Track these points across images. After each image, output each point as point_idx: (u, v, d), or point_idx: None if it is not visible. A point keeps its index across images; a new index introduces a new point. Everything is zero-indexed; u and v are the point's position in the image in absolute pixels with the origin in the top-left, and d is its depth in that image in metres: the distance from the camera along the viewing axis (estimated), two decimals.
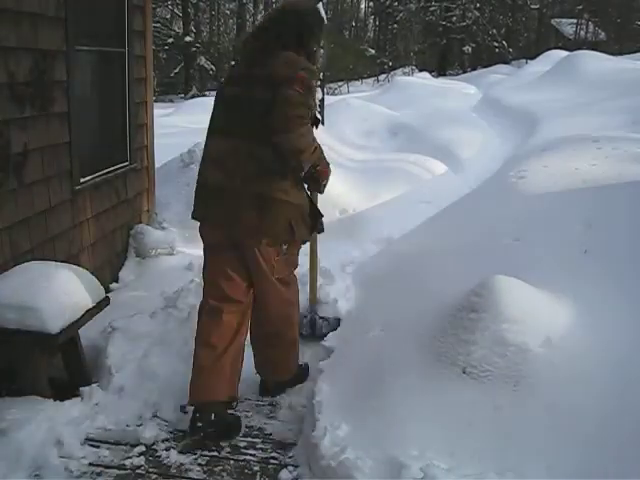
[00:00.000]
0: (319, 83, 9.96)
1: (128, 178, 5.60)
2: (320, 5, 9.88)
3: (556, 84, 13.31)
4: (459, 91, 17.54)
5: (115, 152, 5.45)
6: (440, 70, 35.42)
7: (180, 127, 14.09)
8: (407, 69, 30.29)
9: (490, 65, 32.65)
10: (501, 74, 25.98)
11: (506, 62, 34.75)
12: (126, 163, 5.55)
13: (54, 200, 4.31)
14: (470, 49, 36.88)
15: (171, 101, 27.98)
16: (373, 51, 34.00)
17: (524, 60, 33.79)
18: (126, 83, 5.49)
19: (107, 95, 5.35)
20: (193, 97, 27.81)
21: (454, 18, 36.40)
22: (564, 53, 21.02)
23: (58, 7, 4.22)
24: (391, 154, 9.01)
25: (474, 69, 34.85)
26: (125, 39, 5.40)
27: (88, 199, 4.84)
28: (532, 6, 36.52)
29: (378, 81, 30.93)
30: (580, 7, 36.40)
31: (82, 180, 4.69)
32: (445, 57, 37.69)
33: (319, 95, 9.70)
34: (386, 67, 32.89)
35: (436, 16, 36.68)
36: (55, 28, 4.22)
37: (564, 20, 37.21)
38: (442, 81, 20.52)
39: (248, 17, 37.84)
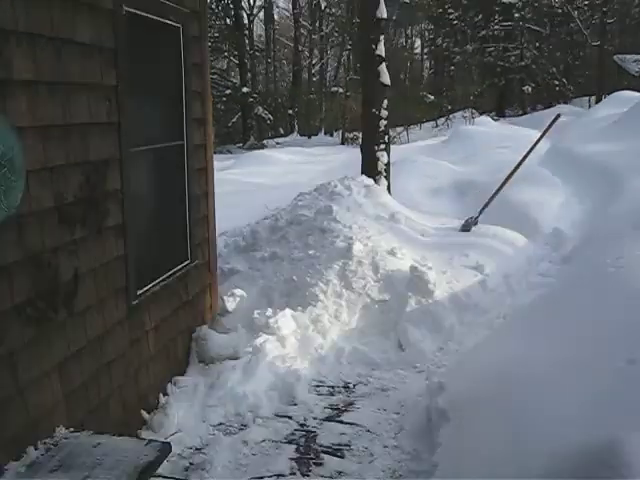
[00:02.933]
0: (384, 147, 9.58)
1: (189, 277, 5.20)
2: None
3: (637, 132, 12.39)
4: (525, 140, 16.86)
5: (175, 252, 5.05)
6: (499, 111, 34.72)
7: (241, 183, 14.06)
8: (466, 112, 29.66)
9: (551, 105, 31.89)
10: (565, 115, 25.16)
11: (566, 101, 33.97)
12: (187, 262, 5.16)
13: (108, 323, 3.90)
14: (530, 89, 36.13)
15: (229, 152, 27.95)
16: (432, 97, 33.51)
17: (586, 98, 33.03)
18: (185, 176, 5.12)
19: (165, 192, 4.96)
20: (251, 148, 27.81)
21: (512, 58, 35.80)
22: (635, 94, 20.19)
23: (110, 112, 3.85)
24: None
25: (534, 109, 34.11)
26: (184, 130, 5.04)
27: (146, 311, 4.43)
28: (593, 43, 35.65)
29: (437, 125, 30.45)
30: None
31: (139, 292, 4.29)
32: (504, 97, 36.99)
33: (384, 159, 9.31)
34: (444, 110, 32.37)
35: (494, 57, 36.16)
36: (108, 135, 3.85)
37: (628, 56, 36.18)
38: (505, 128, 19.72)
39: (304, 64, 37.97)
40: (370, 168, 9.27)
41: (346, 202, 7.18)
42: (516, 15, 34.70)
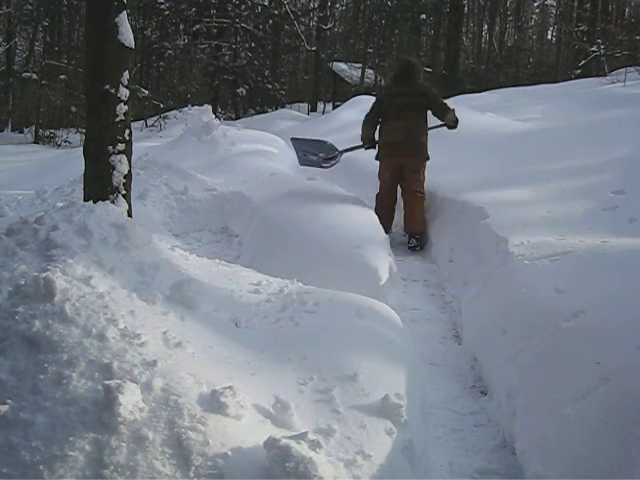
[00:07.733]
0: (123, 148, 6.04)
1: None
2: None
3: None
4: (276, 145, 13.96)
5: None
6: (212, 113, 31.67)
7: None
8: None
9: (265, 110, 30.88)
10: (292, 120, 23.15)
11: (283, 106, 32.47)
12: None
13: None
14: (244, 91, 33.75)
15: None
16: (146, 92, 29.09)
17: (304, 104, 31.87)
18: None
19: None
20: None
21: (226, 57, 33.16)
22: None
23: None
24: None
25: (244, 112, 32.20)
26: None
27: None
28: (310, 48, 34.28)
29: (147, 125, 26.75)
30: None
31: None
32: (217, 99, 34.06)
33: (124, 167, 5.82)
34: (158, 108, 28.61)
35: (207, 54, 33.33)
36: None
37: (342, 64, 35.39)
38: (248, 130, 16.35)
39: None
40: (99, 183, 5.70)
41: (81, 263, 3.43)
42: (231, 12, 32.27)
